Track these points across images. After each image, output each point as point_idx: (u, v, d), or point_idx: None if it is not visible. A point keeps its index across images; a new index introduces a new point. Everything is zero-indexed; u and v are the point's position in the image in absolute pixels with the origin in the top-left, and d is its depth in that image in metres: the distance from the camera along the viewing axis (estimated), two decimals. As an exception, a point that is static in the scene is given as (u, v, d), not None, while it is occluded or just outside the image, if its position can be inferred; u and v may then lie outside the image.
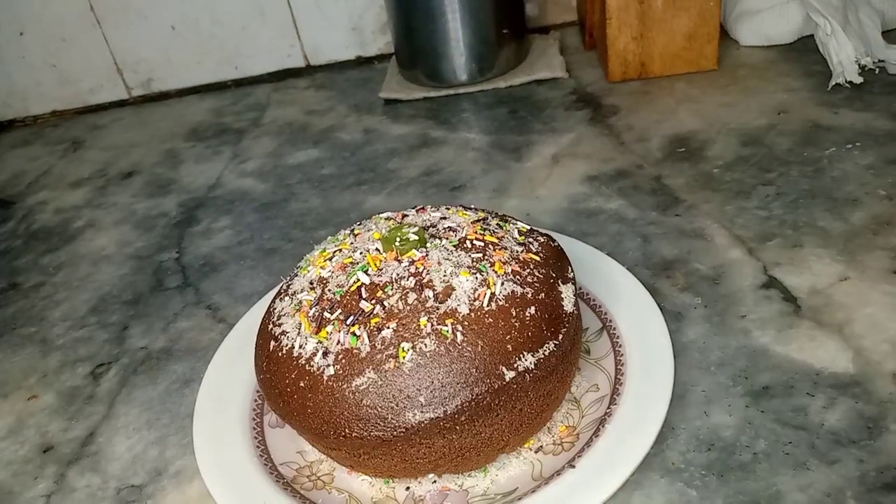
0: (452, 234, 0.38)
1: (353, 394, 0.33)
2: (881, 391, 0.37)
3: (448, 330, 0.33)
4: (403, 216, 0.41)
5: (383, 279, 0.35)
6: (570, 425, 0.38)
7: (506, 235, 0.38)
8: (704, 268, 0.48)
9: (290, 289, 0.39)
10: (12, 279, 0.62)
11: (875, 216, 0.49)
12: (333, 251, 0.39)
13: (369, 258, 0.36)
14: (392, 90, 0.82)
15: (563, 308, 0.36)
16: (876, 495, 0.32)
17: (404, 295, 0.34)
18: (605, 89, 0.74)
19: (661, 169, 0.60)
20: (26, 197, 0.77)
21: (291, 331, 0.36)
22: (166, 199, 0.71)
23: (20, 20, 0.91)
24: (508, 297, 0.34)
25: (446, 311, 0.34)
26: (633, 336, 0.41)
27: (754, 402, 0.38)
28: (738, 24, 0.77)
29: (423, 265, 0.35)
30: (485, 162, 0.66)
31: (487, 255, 0.36)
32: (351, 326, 0.34)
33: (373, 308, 0.34)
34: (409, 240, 0.37)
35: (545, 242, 0.39)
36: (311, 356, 0.34)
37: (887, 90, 0.64)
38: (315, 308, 0.36)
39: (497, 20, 0.77)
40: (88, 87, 0.96)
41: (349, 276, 0.36)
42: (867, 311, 0.42)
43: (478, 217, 0.40)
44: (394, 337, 0.33)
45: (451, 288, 0.34)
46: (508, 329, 0.34)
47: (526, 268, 0.36)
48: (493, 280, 0.35)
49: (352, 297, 0.35)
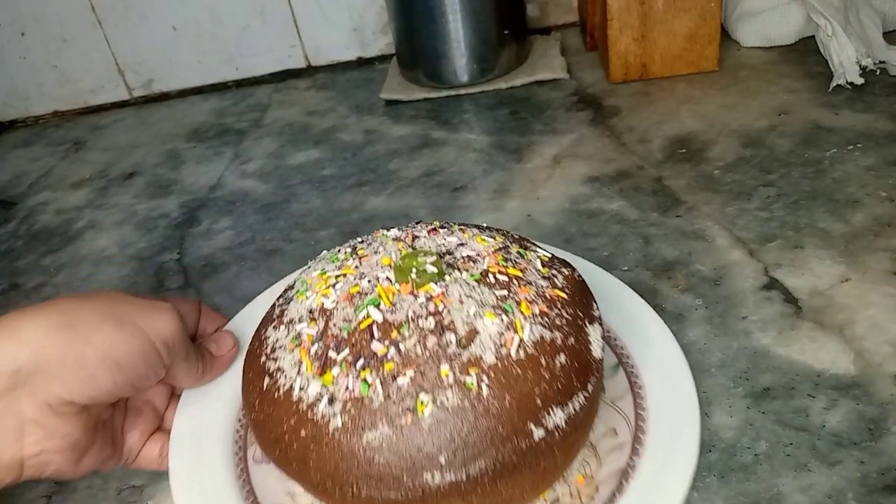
0: (473, 266, 0.34)
1: (364, 450, 0.29)
2: (882, 393, 0.37)
3: (473, 381, 0.30)
4: (414, 237, 0.37)
5: (398, 317, 0.31)
6: (588, 475, 0.35)
7: (528, 267, 0.35)
8: (705, 269, 0.48)
9: (284, 315, 0.34)
10: (13, 280, 0.63)
11: (876, 217, 0.49)
12: (336, 275, 0.35)
13: (381, 290, 0.33)
14: (393, 91, 0.82)
15: (592, 354, 0.33)
16: (877, 497, 0.32)
17: (423, 338, 0.31)
18: (606, 90, 0.75)
19: (661, 170, 0.60)
20: (27, 197, 0.77)
21: (289, 368, 0.32)
22: (167, 200, 0.71)
23: (21, 20, 0.91)
24: (538, 344, 0.31)
25: (470, 358, 0.30)
26: (654, 376, 0.38)
27: (755, 403, 0.38)
28: (738, 25, 0.77)
29: (443, 303, 0.32)
30: (486, 163, 0.66)
31: (512, 293, 0.33)
32: (361, 371, 0.30)
33: (386, 351, 0.31)
34: (427, 272, 0.33)
35: (570, 275, 0.36)
36: (315, 402, 0.30)
37: (888, 91, 0.64)
38: (318, 345, 0.32)
39: (498, 21, 0.77)
40: (90, 87, 0.96)
41: (358, 311, 0.32)
42: (868, 312, 0.42)
43: (497, 244, 0.36)
44: (411, 387, 0.30)
45: (474, 331, 0.31)
46: (538, 381, 0.30)
47: (553, 307, 0.33)
48: (521, 323, 0.31)
49: (362, 336, 0.31)
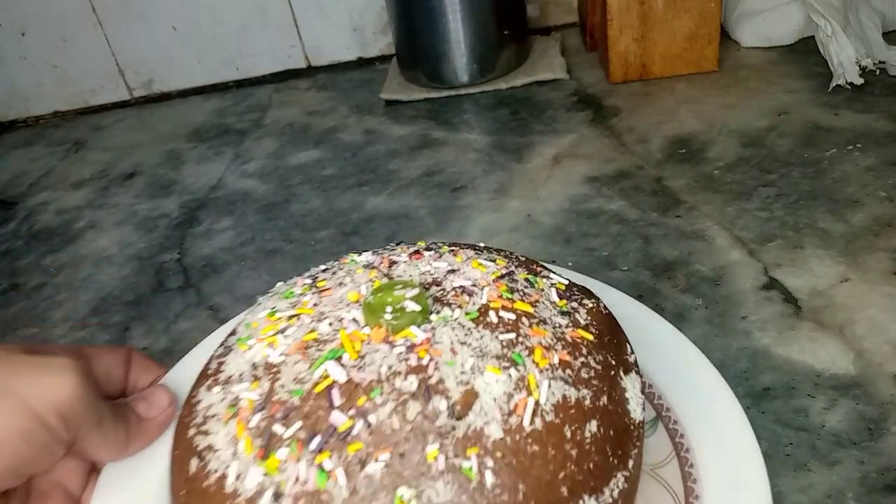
0: (468, 300, 0.27)
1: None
2: (882, 392, 0.37)
3: (472, 467, 0.22)
4: (391, 264, 0.29)
5: (367, 376, 0.24)
6: None
7: (541, 299, 0.27)
8: (705, 269, 0.48)
9: (221, 371, 0.27)
10: (14, 280, 0.63)
11: (876, 217, 0.49)
12: (288, 316, 0.27)
13: (344, 337, 0.25)
14: (393, 91, 0.82)
15: (630, 415, 0.25)
16: (877, 496, 0.32)
17: (401, 405, 0.23)
18: (605, 90, 0.75)
19: (661, 170, 0.60)
20: (28, 198, 0.77)
21: (223, 448, 0.24)
22: (168, 200, 0.71)
23: (22, 21, 0.91)
24: (559, 408, 0.24)
25: (468, 433, 0.23)
26: (703, 433, 0.29)
27: (755, 403, 0.38)
28: (738, 25, 0.77)
29: (429, 353, 0.24)
30: (486, 163, 0.66)
31: (522, 336, 0.25)
32: (317, 454, 0.22)
33: (352, 425, 0.23)
34: (406, 310, 0.25)
35: (595, 308, 0.28)
36: (255, 497, 0.23)
37: (888, 91, 0.64)
38: (260, 415, 0.24)
39: (498, 21, 0.78)
40: (90, 87, 0.96)
41: (313, 367, 0.24)
42: (868, 312, 0.42)
43: (499, 270, 0.29)
44: (386, 476, 0.22)
45: (473, 394, 0.23)
46: (563, 461, 0.23)
47: (578, 354, 0.25)
48: (536, 379, 0.24)
49: (318, 402, 0.23)
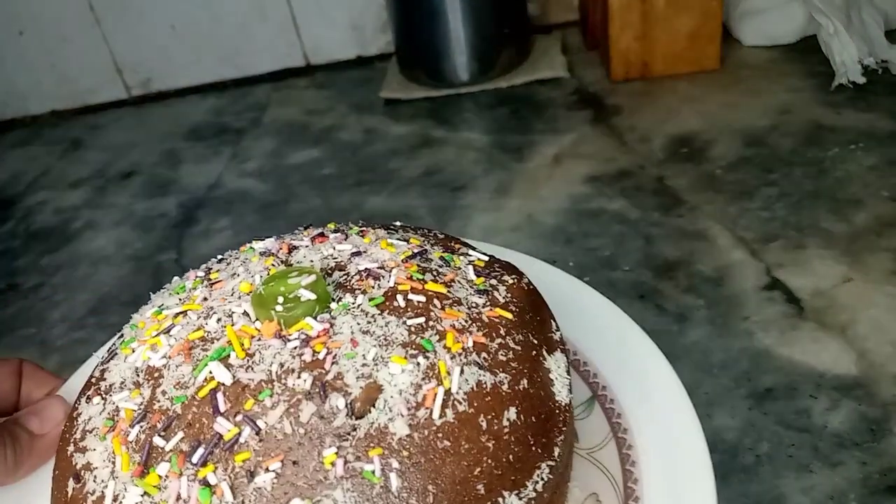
0: (373, 284, 0.24)
1: None
2: (884, 393, 0.37)
3: (375, 470, 0.20)
4: (291, 249, 0.27)
5: (256, 376, 0.22)
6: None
7: (456, 278, 0.25)
8: (707, 269, 0.48)
9: (104, 378, 0.24)
10: (11, 280, 0.62)
11: (878, 217, 0.49)
12: (175, 313, 0.25)
13: (231, 334, 0.23)
14: (393, 90, 0.82)
15: (555, 398, 0.23)
16: (879, 497, 0.32)
17: (294, 406, 0.21)
18: (607, 89, 0.74)
19: (663, 169, 0.59)
20: (25, 197, 0.77)
21: (101, 466, 0.22)
22: (166, 200, 0.71)
23: (20, 20, 0.91)
24: (473, 396, 0.22)
25: (370, 432, 0.21)
26: (641, 412, 0.27)
27: (757, 404, 0.38)
28: (740, 24, 0.76)
29: (326, 346, 0.22)
30: (486, 162, 0.66)
31: (433, 319, 0.23)
32: (200, 467, 0.21)
33: (238, 432, 0.21)
34: (300, 299, 0.23)
35: (515, 284, 0.26)
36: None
37: (890, 90, 0.64)
38: (139, 427, 0.22)
39: (498, 20, 0.77)
40: (88, 86, 0.96)
41: (196, 370, 0.22)
42: (870, 312, 0.42)
43: (410, 250, 0.26)
44: (277, 488, 0.20)
45: (376, 388, 0.21)
46: (478, 455, 0.21)
47: (495, 335, 0.23)
48: (447, 366, 0.22)
49: (201, 408, 0.21)
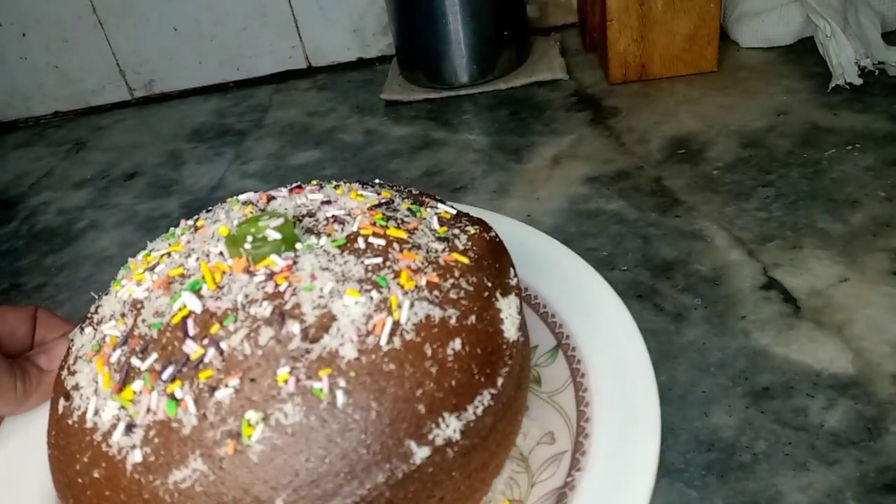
0: (338, 228, 0.26)
1: (171, 494, 0.22)
2: (881, 392, 0.37)
3: (323, 387, 0.22)
4: (269, 199, 0.30)
5: (223, 305, 0.24)
6: (516, 499, 0.27)
7: (420, 227, 0.27)
8: (704, 269, 0.48)
9: (97, 312, 0.27)
10: (15, 280, 0.63)
11: (874, 217, 0.50)
12: (161, 255, 0.27)
13: (204, 269, 0.25)
14: (393, 91, 0.82)
15: (504, 335, 0.25)
16: (876, 496, 0.33)
17: (254, 331, 0.23)
18: (605, 91, 0.75)
19: (661, 170, 0.60)
20: (29, 198, 0.77)
21: (86, 385, 0.24)
22: (168, 201, 0.71)
23: (23, 21, 0.91)
24: (421, 327, 0.23)
25: (321, 355, 0.22)
26: (600, 360, 0.30)
27: (754, 402, 0.38)
28: (737, 26, 0.77)
29: (288, 280, 0.24)
30: (485, 163, 0.66)
31: (391, 260, 0.25)
32: (169, 383, 0.22)
33: (203, 353, 0.23)
34: (268, 239, 0.25)
35: (477, 235, 0.28)
36: (110, 430, 0.23)
37: (887, 92, 0.64)
38: (121, 350, 0.24)
39: (498, 22, 0.78)
40: (91, 87, 0.96)
41: (173, 300, 0.24)
42: (867, 312, 0.42)
43: (378, 200, 0.28)
44: (235, 401, 0.22)
45: (329, 317, 0.23)
46: (421, 379, 0.23)
47: (449, 276, 0.25)
48: (398, 300, 0.24)
49: (174, 333, 0.23)
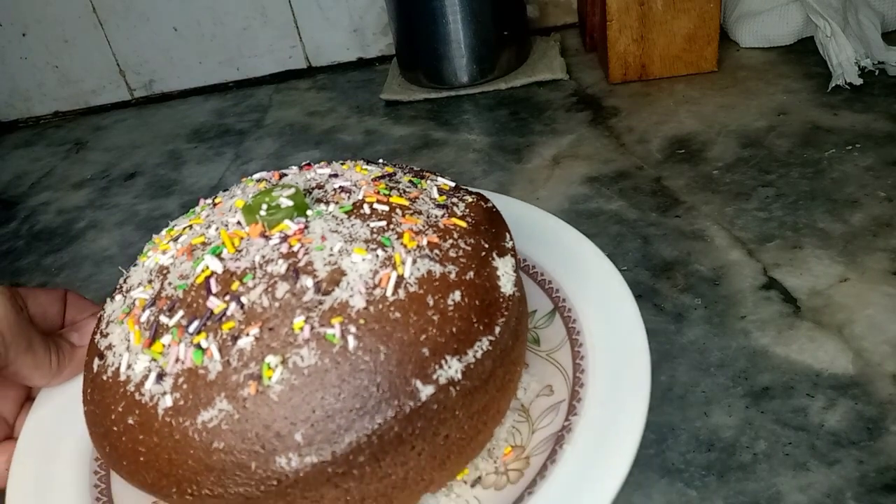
0: (345, 197, 0.29)
1: (200, 433, 0.24)
2: (881, 392, 0.37)
3: (335, 333, 0.24)
4: (281, 176, 0.33)
5: (242, 265, 0.26)
6: (518, 445, 0.30)
7: (420, 196, 0.30)
8: (704, 269, 0.48)
9: (126, 282, 0.30)
10: (15, 280, 0.63)
11: (875, 217, 0.50)
12: (183, 227, 0.30)
13: (224, 236, 0.27)
14: (393, 91, 0.82)
15: (500, 290, 0.28)
16: (876, 496, 0.33)
17: (271, 286, 0.25)
18: (605, 91, 0.75)
19: (661, 170, 0.60)
20: (29, 198, 0.77)
21: (119, 344, 0.27)
22: (169, 200, 0.71)
23: (23, 21, 0.91)
24: (423, 281, 0.26)
25: (333, 306, 0.25)
26: (594, 319, 0.32)
27: (754, 402, 0.38)
28: (737, 26, 0.77)
29: (301, 242, 0.26)
30: (486, 163, 0.66)
31: (394, 223, 0.28)
32: (195, 335, 0.25)
33: (226, 307, 0.25)
34: (281, 207, 0.28)
35: (475, 203, 0.31)
36: (142, 380, 0.25)
37: (887, 92, 0.64)
38: (150, 311, 0.27)
39: (498, 22, 0.78)
40: (91, 88, 0.96)
41: (196, 263, 0.27)
42: (867, 312, 0.42)
43: (383, 172, 0.31)
44: (255, 348, 0.24)
45: (339, 272, 0.25)
46: (424, 325, 0.25)
47: (448, 237, 0.28)
48: (402, 257, 0.26)
49: (198, 292, 0.26)
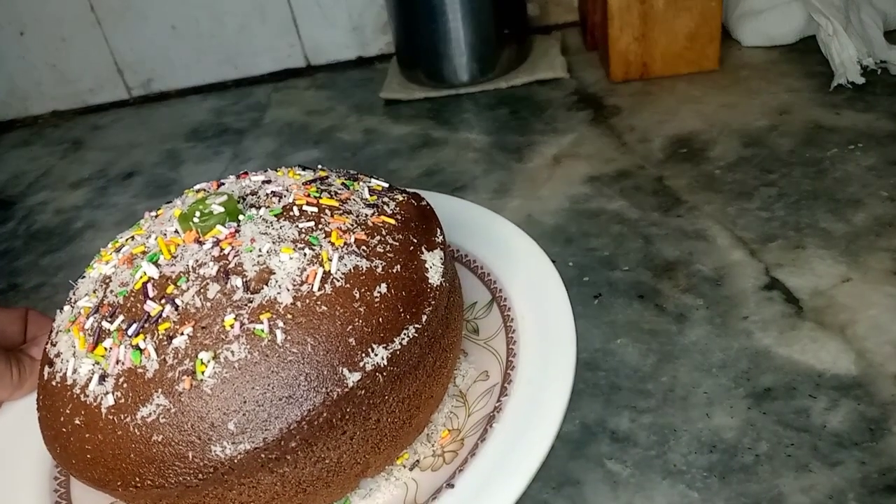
0: (276, 201, 0.30)
1: (140, 428, 0.25)
2: (883, 393, 0.37)
3: (264, 328, 0.26)
4: (219, 185, 0.34)
5: (177, 269, 0.28)
6: (455, 428, 0.31)
7: (352, 197, 0.31)
8: (706, 269, 0.48)
9: (74, 294, 0.32)
10: (12, 280, 0.62)
11: (877, 217, 0.49)
12: (126, 239, 0.32)
13: (161, 243, 0.29)
14: (393, 90, 0.82)
15: (428, 281, 0.29)
16: (878, 497, 0.32)
17: (203, 287, 0.27)
18: (606, 90, 0.74)
19: (662, 170, 0.60)
20: (26, 197, 0.77)
21: (66, 351, 0.28)
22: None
23: (20, 20, 0.91)
24: (350, 276, 0.27)
25: (262, 303, 0.26)
26: (527, 307, 0.34)
27: (756, 403, 0.38)
28: (739, 25, 0.77)
29: (231, 245, 0.28)
30: (486, 162, 0.66)
31: (322, 224, 0.29)
32: (134, 337, 0.26)
33: (161, 309, 0.27)
34: (213, 213, 0.29)
35: (405, 202, 0.32)
36: (87, 382, 0.27)
37: (889, 91, 0.64)
38: (93, 317, 0.28)
39: (498, 20, 0.77)
40: (89, 87, 0.96)
41: (135, 271, 0.28)
42: (870, 312, 0.42)
43: (313, 177, 0.33)
44: (189, 346, 0.26)
45: (268, 271, 0.27)
46: (350, 317, 0.26)
47: (376, 235, 0.29)
48: (328, 254, 0.27)
49: (136, 297, 0.28)
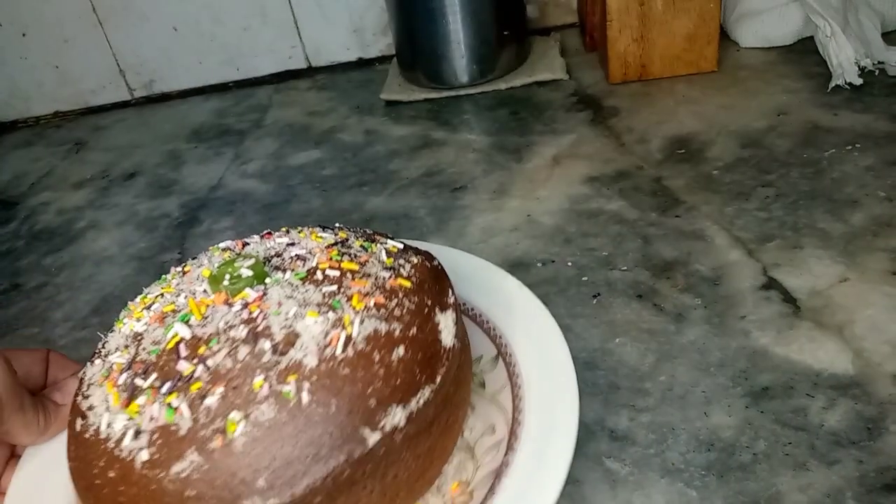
0: (300, 264, 0.32)
1: (173, 483, 0.27)
2: (881, 392, 0.37)
3: (291, 390, 0.27)
4: (244, 245, 0.35)
5: (208, 331, 0.29)
6: (464, 480, 0.32)
7: (370, 259, 0.33)
8: (704, 269, 0.48)
9: (104, 347, 0.33)
10: (14, 280, 0.63)
11: (875, 217, 0.50)
12: (155, 296, 0.33)
13: (192, 304, 0.30)
14: (393, 91, 0.82)
15: (442, 343, 0.31)
16: (875, 496, 0.33)
17: (233, 349, 0.28)
18: (605, 91, 0.75)
19: (661, 170, 0.60)
20: (29, 198, 0.77)
21: (99, 405, 0.30)
22: (168, 200, 0.71)
23: (22, 21, 0.91)
24: (370, 339, 0.29)
25: (289, 365, 0.28)
26: (531, 362, 0.35)
27: (754, 402, 0.38)
28: (737, 26, 0.77)
29: (260, 308, 0.29)
30: (486, 163, 0.66)
31: (344, 288, 0.30)
32: (167, 396, 0.28)
33: (194, 369, 0.28)
34: (242, 276, 0.31)
35: (420, 263, 0.34)
36: (121, 437, 0.28)
37: (887, 92, 0.64)
38: (126, 374, 0.29)
39: (498, 22, 0.78)
40: (90, 87, 0.96)
41: (167, 330, 0.30)
42: (867, 312, 0.42)
43: (336, 239, 0.34)
44: (221, 405, 0.27)
45: (294, 335, 0.28)
46: (370, 379, 0.28)
47: (393, 297, 0.31)
48: (350, 318, 0.29)
49: (169, 356, 0.29)
